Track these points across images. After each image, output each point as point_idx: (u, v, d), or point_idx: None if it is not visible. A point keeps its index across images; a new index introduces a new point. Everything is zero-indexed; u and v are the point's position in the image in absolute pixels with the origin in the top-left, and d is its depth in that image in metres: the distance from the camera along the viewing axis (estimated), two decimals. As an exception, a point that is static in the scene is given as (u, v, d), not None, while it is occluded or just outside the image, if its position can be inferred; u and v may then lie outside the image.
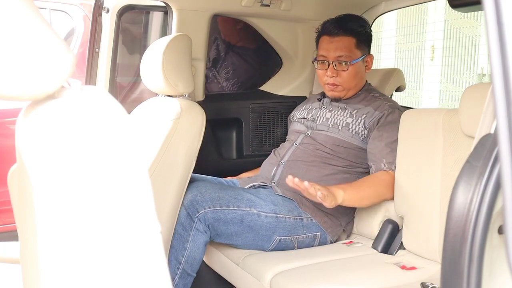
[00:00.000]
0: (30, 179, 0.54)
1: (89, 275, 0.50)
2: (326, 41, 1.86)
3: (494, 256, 0.61)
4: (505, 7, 0.47)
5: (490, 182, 0.58)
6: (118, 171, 0.53)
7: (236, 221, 1.62)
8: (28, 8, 0.55)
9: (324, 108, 1.94)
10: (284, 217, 1.68)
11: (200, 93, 2.13)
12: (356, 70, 1.86)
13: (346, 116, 1.84)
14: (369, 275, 1.51)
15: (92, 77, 2.12)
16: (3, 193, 2.17)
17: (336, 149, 1.81)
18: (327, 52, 1.85)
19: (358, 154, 1.81)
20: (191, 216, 1.59)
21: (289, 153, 1.86)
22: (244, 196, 1.67)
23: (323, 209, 1.74)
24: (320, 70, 1.89)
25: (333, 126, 1.84)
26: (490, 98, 0.68)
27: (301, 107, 2.08)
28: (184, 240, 1.60)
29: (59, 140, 0.53)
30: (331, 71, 1.84)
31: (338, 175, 1.79)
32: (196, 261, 1.62)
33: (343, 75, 1.84)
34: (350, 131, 1.81)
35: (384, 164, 1.73)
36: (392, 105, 1.85)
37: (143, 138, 1.67)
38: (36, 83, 0.56)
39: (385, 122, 1.78)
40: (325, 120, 1.89)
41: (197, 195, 1.61)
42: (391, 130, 1.76)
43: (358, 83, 1.90)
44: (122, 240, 0.51)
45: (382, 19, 6.86)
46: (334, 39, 1.84)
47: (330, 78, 1.85)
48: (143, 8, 2.31)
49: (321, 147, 1.82)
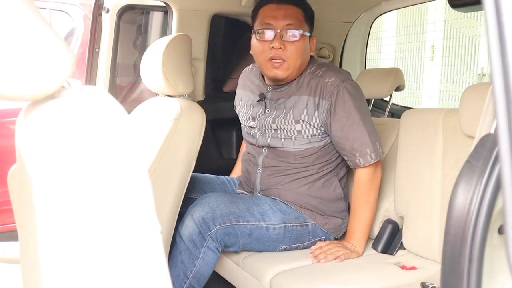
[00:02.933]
0: (30, 179, 0.54)
1: (89, 275, 0.50)
2: (272, 8, 1.63)
3: (494, 256, 0.61)
4: (505, 7, 0.47)
5: (490, 182, 0.58)
6: (118, 171, 0.53)
7: (245, 235, 1.60)
8: (28, 8, 0.55)
9: (267, 112, 1.73)
10: (292, 225, 1.66)
11: (200, 93, 2.13)
12: (304, 46, 1.64)
13: (293, 124, 1.66)
14: (369, 275, 1.51)
15: (92, 77, 2.12)
16: (3, 193, 2.17)
17: (301, 160, 1.68)
18: (275, 20, 1.61)
19: (325, 151, 1.69)
20: (202, 234, 1.55)
21: (261, 160, 1.76)
22: (254, 209, 1.63)
23: (321, 214, 1.72)
24: (262, 42, 1.63)
25: (285, 139, 1.68)
26: (490, 98, 0.68)
27: (241, 101, 1.89)
28: (194, 257, 1.57)
29: (59, 140, 0.53)
30: (278, 41, 1.60)
31: (316, 183, 1.70)
32: (204, 276, 1.61)
33: (290, 49, 1.61)
34: (305, 138, 1.66)
35: (359, 160, 1.60)
36: (335, 81, 1.61)
37: (143, 138, 1.67)
38: (36, 83, 0.55)
39: (338, 107, 1.59)
40: (274, 132, 1.70)
41: (208, 212, 1.55)
42: (348, 110, 1.58)
43: (302, 64, 1.67)
44: (122, 240, 0.51)
45: (382, 19, 6.85)
46: (282, 6, 1.62)
47: (276, 51, 1.60)
48: (143, 8, 2.31)
49: (286, 165, 1.70)
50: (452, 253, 0.59)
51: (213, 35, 2.25)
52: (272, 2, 1.65)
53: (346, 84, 1.61)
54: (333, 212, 1.74)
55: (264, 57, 1.64)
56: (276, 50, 1.61)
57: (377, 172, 1.66)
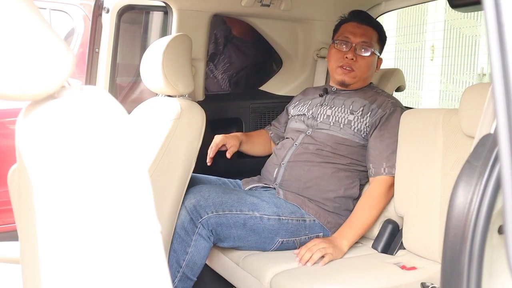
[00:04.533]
0: (30, 179, 0.54)
1: (89, 275, 0.50)
2: (353, 26, 1.89)
3: (494, 256, 0.61)
4: (505, 7, 0.47)
5: (490, 182, 0.58)
6: (118, 171, 0.53)
7: (239, 225, 1.61)
8: (28, 8, 0.55)
9: (325, 105, 1.91)
10: (287, 219, 1.68)
11: (200, 93, 2.13)
12: (372, 62, 1.89)
13: (347, 114, 1.83)
14: (369, 275, 1.51)
15: (92, 77, 2.12)
16: (3, 193, 2.17)
17: (338, 148, 1.80)
18: (353, 35, 1.87)
19: (360, 152, 1.81)
20: (194, 221, 1.58)
21: (289, 154, 1.85)
22: (247, 199, 1.66)
23: (327, 209, 1.74)
24: (338, 51, 1.89)
25: (335, 124, 1.83)
26: (490, 98, 0.68)
27: (299, 101, 2.05)
28: (186, 244, 1.59)
29: (59, 140, 0.53)
30: (351, 53, 1.85)
31: (340, 173, 1.78)
32: (197, 265, 1.61)
33: (361, 62, 1.86)
34: (352, 129, 1.80)
35: (384, 169, 1.73)
36: (394, 103, 1.84)
37: (143, 138, 1.67)
38: (36, 83, 0.55)
39: (387, 121, 1.78)
40: (326, 117, 1.86)
41: (200, 200, 1.59)
42: (392, 130, 1.76)
43: (368, 77, 1.92)
44: (122, 240, 0.51)
45: (382, 19, 6.84)
46: (362, 26, 1.88)
47: (348, 61, 1.86)
48: (143, 8, 2.31)
49: (322, 146, 1.81)
50: (452, 253, 0.59)
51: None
52: (354, 21, 1.91)
53: (402, 111, 1.78)
54: (338, 209, 1.76)
55: (337, 63, 1.89)
56: (348, 60, 1.86)
57: (391, 190, 1.74)
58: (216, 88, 2.53)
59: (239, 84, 2.54)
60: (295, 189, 1.78)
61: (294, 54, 2.40)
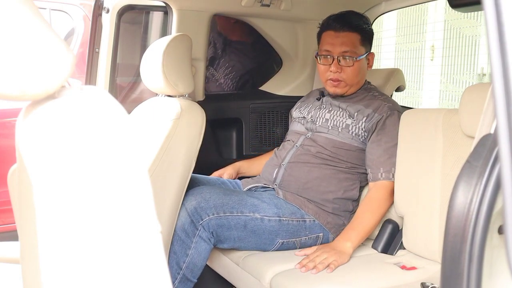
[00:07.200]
0: (30, 179, 0.54)
1: (89, 275, 0.50)
2: (331, 36, 1.83)
3: (494, 256, 0.61)
4: (505, 7, 0.47)
5: (490, 182, 0.58)
6: (118, 171, 0.53)
7: (240, 226, 1.61)
8: (28, 8, 0.55)
9: (323, 108, 1.91)
10: (287, 220, 1.67)
11: (200, 93, 2.13)
12: (359, 67, 1.84)
13: (345, 117, 1.82)
14: (369, 275, 1.51)
15: (92, 77, 2.12)
16: (3, 193, 2.17)
17: (337, 152, 1.79)
18: (332, 47, 1.81)
19: (359, 156, 1.80)
20: (194, 223, 1.57)
21: (290, 155, 1.85)
22: (248, 201, 1.66)
23: (326, 210, 1.74)
24: (322, 66, 1.86)
25: (333, 128, 1.82)
26: (490, 98, 0.68)
27: (301, 103, 2.06)
28: (187, 246, 1.59)
29: (59, 140, 0.53)
30: (335, 67, 1.81)
31: (340, 175, 1.78)
32: (197, 267, 1.61)
33: (347, 71, 1.82)
34: (350, 133, 1.79)
35: (381, 174, 1.72)
36: (391, 106, 1.82)
37: (143, 138, 1.67)
38: (36, 83, 0.55)
39: (384, 125, 1.76)
40: (324, 121, 1.86)
41: (201, 202, 1.58)
42: (390, 134, 1.74)
43: (360, 81, 1.88)
44: (122, 240, 0.51)
45: (382, 19, 6.85)
46: (340, 34, 1.81)
47: (334, 74, 1.82)
48: (143, 8, 2.31)
49: (322, 149, 1.81)
50: (452, 253, 0.59)
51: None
52: (331, 29, 1.84)
53: (399, 113, 1.77)
54: (338, 210, 1.76)
55: (324, 77, 1.88)
56: (334, 73, 1.82)
57: (392, 196, 1.73)
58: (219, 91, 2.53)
59: (245, 87, 2.54)
60: (294, 190, 1.78)
61: (294, 54, 2.40)
